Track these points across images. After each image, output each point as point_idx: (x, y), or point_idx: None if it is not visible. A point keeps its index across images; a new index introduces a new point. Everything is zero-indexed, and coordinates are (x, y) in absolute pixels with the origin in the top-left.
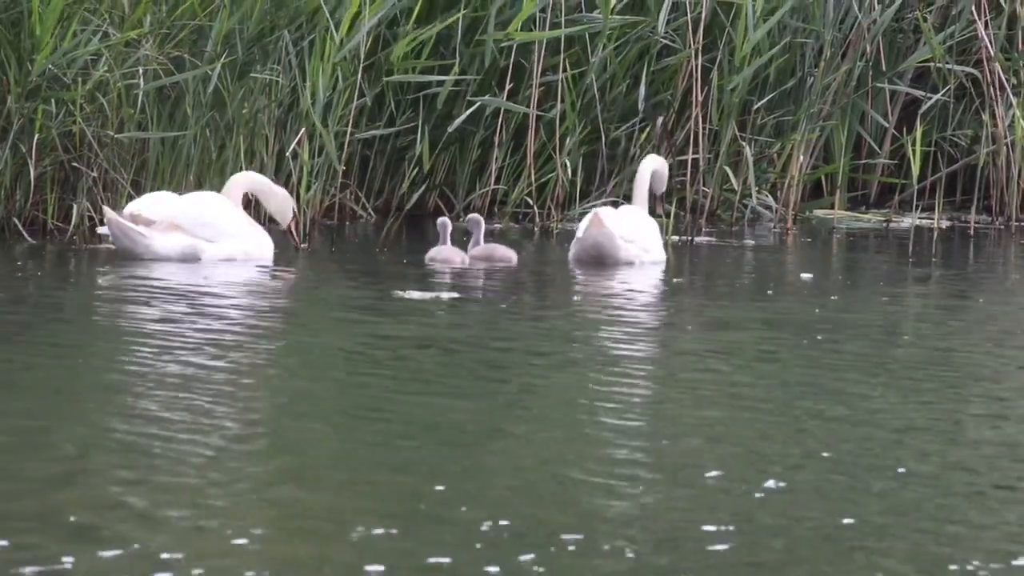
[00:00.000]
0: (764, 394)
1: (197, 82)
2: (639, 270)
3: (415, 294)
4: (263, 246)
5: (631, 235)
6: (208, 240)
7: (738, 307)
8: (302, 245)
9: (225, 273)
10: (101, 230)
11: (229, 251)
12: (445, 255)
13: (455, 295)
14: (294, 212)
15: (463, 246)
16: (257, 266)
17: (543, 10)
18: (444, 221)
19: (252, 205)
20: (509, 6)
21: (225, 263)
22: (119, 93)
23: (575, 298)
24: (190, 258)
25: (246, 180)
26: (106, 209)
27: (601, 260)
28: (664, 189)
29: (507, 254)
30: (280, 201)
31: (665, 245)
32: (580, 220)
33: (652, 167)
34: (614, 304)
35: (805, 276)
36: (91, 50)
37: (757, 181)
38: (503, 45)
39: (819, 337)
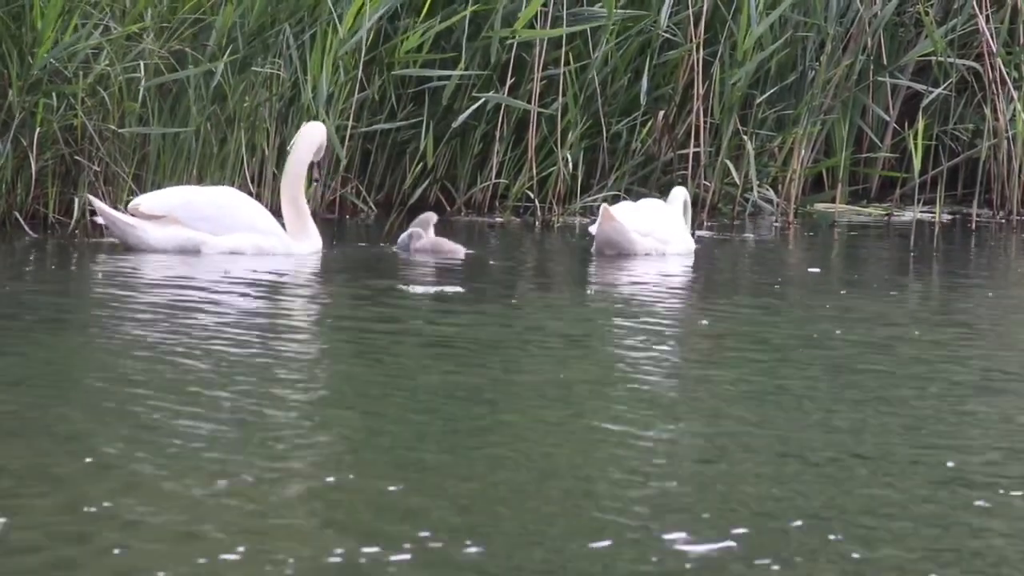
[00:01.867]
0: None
1: (199, 77)
2: (656, 262)
3: (419, 288)
4: (290, 242)
5: (646, 227)
6: (211, 233)
7: (751, 300)
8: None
9: (226, 266)
10: (98, 219)
11: (235, 244)
12: (449, 247)
13: (459, 289)
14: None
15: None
16: (288, 259)
17: (545, 4)
18: (426, 219)
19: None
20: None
21: (230, 256)
22: (120, 87)
23: (588, 291)
24: (189, 251)
25: (320, 132)
26: (90, 197)
27: (619, 252)
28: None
29: (454, 247)
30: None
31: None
32: (582, 214)
33: (683, 197)
34: (628, 298)
35: (812, 270)
36: (92, 44)
37: (758, 175)
38: (507, 42)
39: (838, 331)
